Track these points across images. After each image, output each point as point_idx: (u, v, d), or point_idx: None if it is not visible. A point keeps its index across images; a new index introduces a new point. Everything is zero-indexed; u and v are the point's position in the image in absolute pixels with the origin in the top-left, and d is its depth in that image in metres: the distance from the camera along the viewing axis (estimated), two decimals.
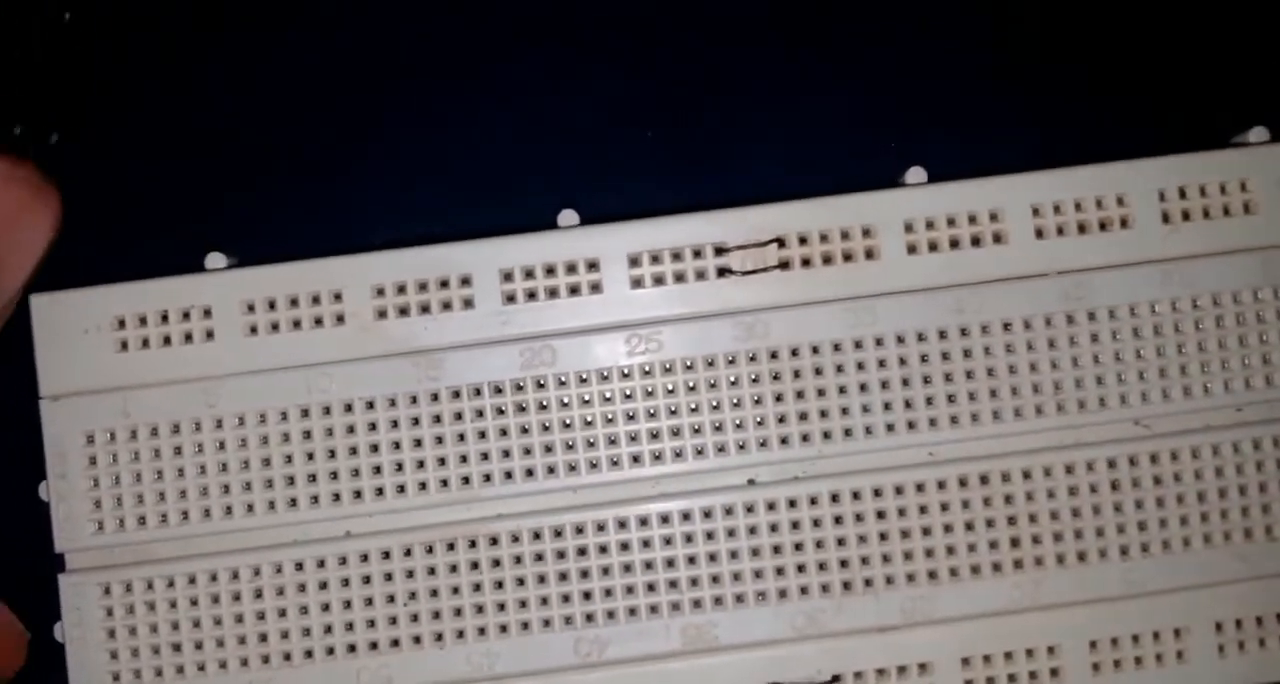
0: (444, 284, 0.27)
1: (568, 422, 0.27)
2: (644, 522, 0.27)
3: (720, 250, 0.28)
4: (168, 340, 0.27)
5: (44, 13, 0.29)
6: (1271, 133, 0.29)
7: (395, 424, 0.27)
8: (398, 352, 0.27)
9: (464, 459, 0.27)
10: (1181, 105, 0.30)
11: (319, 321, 0.27)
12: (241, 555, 0.27)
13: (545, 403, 0.27)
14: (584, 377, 0.27)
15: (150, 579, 0.27)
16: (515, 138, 0.29)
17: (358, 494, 0.27)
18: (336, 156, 0.29)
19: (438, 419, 0.27)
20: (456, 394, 0.27)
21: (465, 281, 0.27)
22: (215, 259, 0.28)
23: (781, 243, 0.28)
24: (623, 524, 0.27)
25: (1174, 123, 0.29)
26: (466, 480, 0.27)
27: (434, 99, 0.29)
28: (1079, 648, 0.27)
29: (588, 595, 0.27)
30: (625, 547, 0.27)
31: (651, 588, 0.27)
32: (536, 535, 0.27)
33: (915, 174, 0.28)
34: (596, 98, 0.29)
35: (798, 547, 0.27)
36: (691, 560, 0.27)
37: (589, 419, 0.27)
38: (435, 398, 0.27)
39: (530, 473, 0.27)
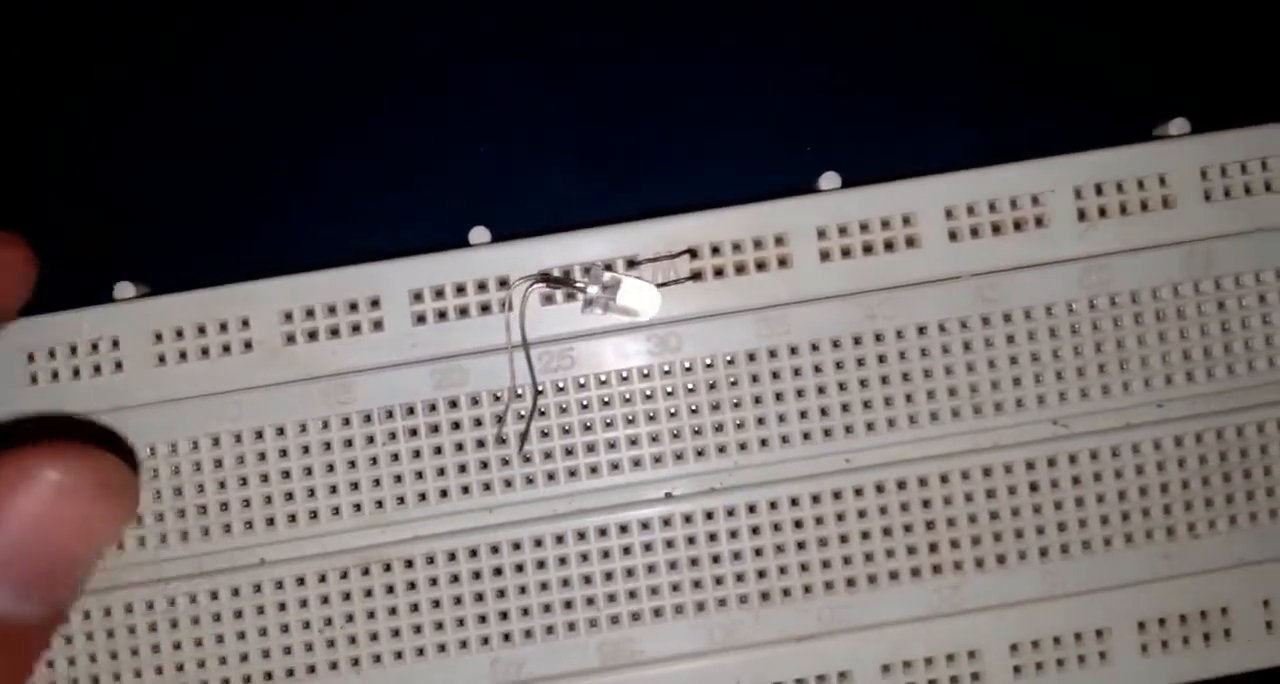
0: (353, 307, 0.27)
1: (481, 441, 0.27)
2: (560, 539, 0.27)
3: (632, 263, 0.27)
4: (76, 373, 0.27)
5: None
6: (1192, 125, 0.28)
7: (306, 450, 0.27)
8: (307, 376, 0.27)
9: (377, 482, 0.27)
10: (1098, 100, 0.29)
11: (227, 349, 0.27)
12: (155, 587, 0.27)
13: (458, 423, 0.27)
14: (497, 395, 0.27)
15: None
16: (428, 156, 0.29)
17: (270, 521, 0.27)
18: (246, 184, 0.28)
19: (349, 443, 0.27)
20: (368, 417, 0.27)
21: (374, 303, 0.27)
22: (124, 288, 0.27)
23: (694, 254, 0.27)
24: (539, 542, 0.27)
25: (1090, 118, 0.29)
26: (380, 504, 0.27)
27: (341, 119, 0.29)
28: (1000, 651, 0.27)
29: (504, 615, 0.27)
30: (541, 565, 0.27)
31: (569, 605, 0.27)
32: (452, 557, 0.27)
33: (829, 179, 0.28)
34: (510, 114, 0.29)
35: (715, 559, 0.27)
36: (609, 576, 0.27)
37: (503, 438, 0.27)
38: (346, 422, 0.27)
39: (444, 494, 0.27)
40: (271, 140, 0.29)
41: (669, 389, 0.27)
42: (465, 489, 0.27)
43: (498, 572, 0.27)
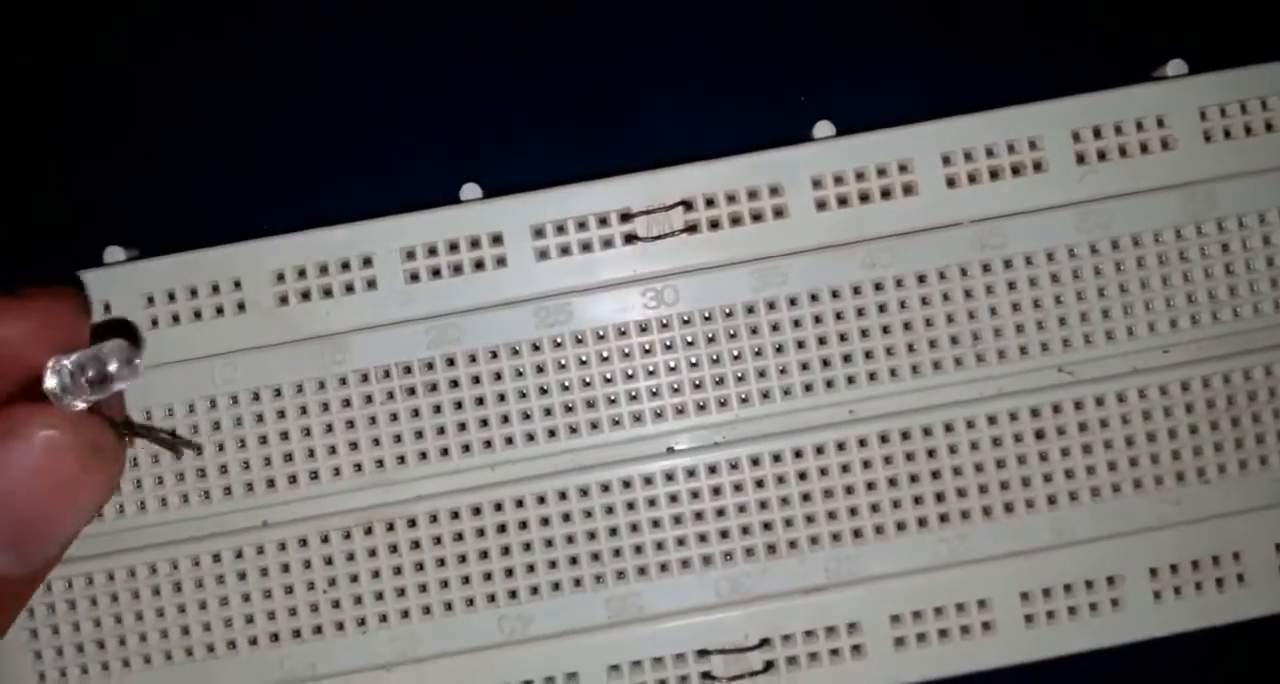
0: (345, 266, 0.27)
1: (480, 398, 0.27)
2: (563, 495, 0.27)
3: (625, 217, 0.27)
4: None
5: None
6: (1190, 66, 0.28)
7: (304, 411, 0.27)
8: (301, 337, 0.27)
9: (377, 442, 0.27)
10: (1095, 42, 0.29)
11: (220, 311, 0.27)
12: (159, 550, 0.26)
13: (455, 381, 0.27)
14: (494, 352, 0.27)
15: (69, 578, 0.26)
16: (416, 113, 0.29)
17: (271, 483, 0.27)
18: (232, 143, 0.28)
19: (347, 403, 0.27)
20: (365, 377, 0.27)
21: (366, 262, 0.27)
22: (114, 252, 0.27)
23: (688, 206, 0.27)
24: (541, 499, 0.27)
25: (1087, 60, 0.28)
26: (380, 464, 0.27)
27: (330, 80, 0.29)
28: (1010, 600, 0.27)
29: (510, 572, 0.27)
30: (545, 522, 0.27)
31: (574, 561, 0.27)
32: (455, 515, 0.27)
33: (823, 128, 0.28)
34: (498, 67, 0.29)
35: (719, 512, 0.27)
36: (613, 532, 0.27)
37: (501, 395, 0.27)
38: (343, 382, 0.27)
39: (445, 452, 0.27)
40: (258, 100, 0.29)
41: (668, 343, 0.27)
42: (466, 447, 0.27)
43: (501, 529, 0.27)
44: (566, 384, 0.27)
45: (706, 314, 0.27)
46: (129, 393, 0.26)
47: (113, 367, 0.20)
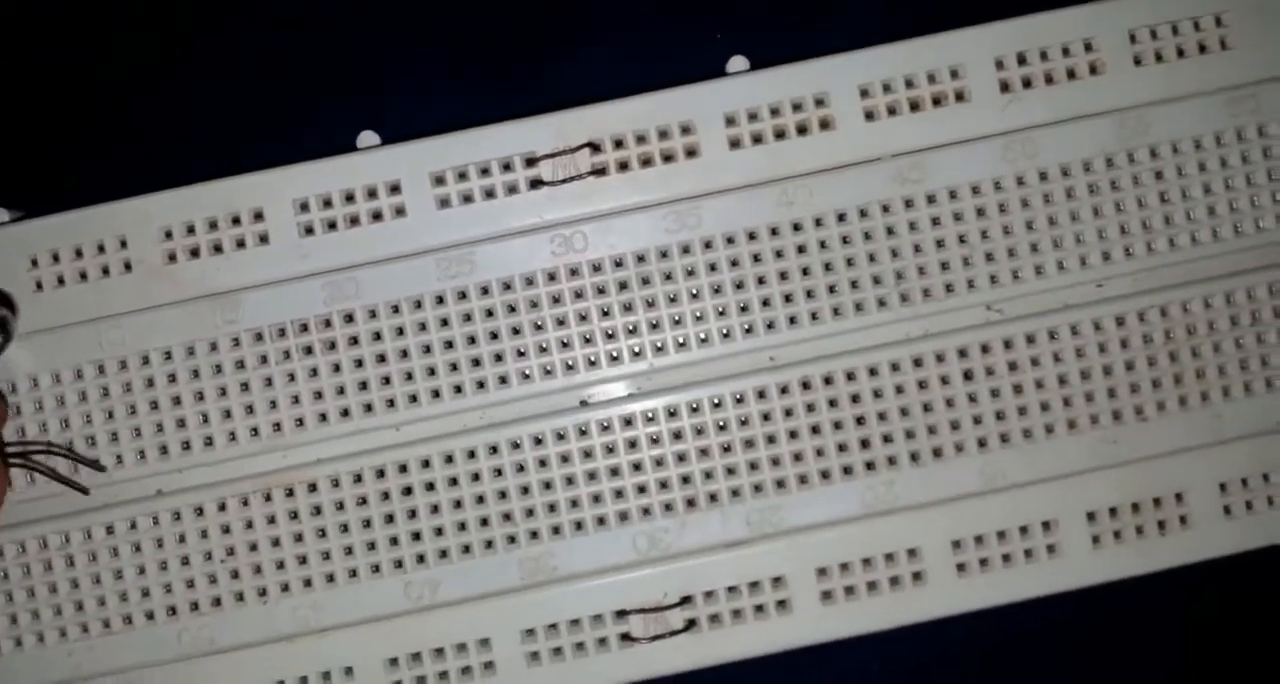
0: (235, 220, 0.26)
1: (381, 355, 0.26)
2: (471, 454, 0.26)
3: (530, 161, 0.26)
4: None
5: None
6: None
7: (196, 374, 0.25)
8: (191, 296, 0.25)
9: (274, 404, 0.25)
10: None
11: (106, 271, 0.25)
12: (49, 523, 0.25)
13: (355, 337, 0.26)
14: (395, 306, 0.26)
15: None
16: (312, 60, 0.27)
17: (164, 450, 0.25)
18: (117, 95, 0.27)
19: (241, 365, 0.25)
20: (258, 336, 0.25)
21: (258, 216, 0.26)
22: None
23: (595, 148, 0.26)
24: (449, 459, 0.26)
25: None
26: (278, 427, 0.25)
27: (219, 23, 0.27)
28: (941, 549, 0.26)
29: (416, 536, 0.25)
30: (453, 482, 0.26)
31: (484, 522, 0.26)
32: (358, 478, 0.25)
33: (737, 63, 0.26)
34: (395, 10, 0.27)
35: (636, 467, 0.26)
36: (525, 490, 0.26)
37: (404, 351, 0.26)
38: (236, 342, 0.25)
39: (346, 413, 0.26)
40: (142, 48, 0.27)
41: (578, 292, 0.26)
42: (368, 407, 0.25)
43: (407, 491, 0.25)
44: (472, 338, 0.26)
45: (617, 260, 0.26)
46: (8, 362, 0.25)
47: None
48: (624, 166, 0.26)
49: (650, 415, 0.26)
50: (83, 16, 0.27)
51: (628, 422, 0.26)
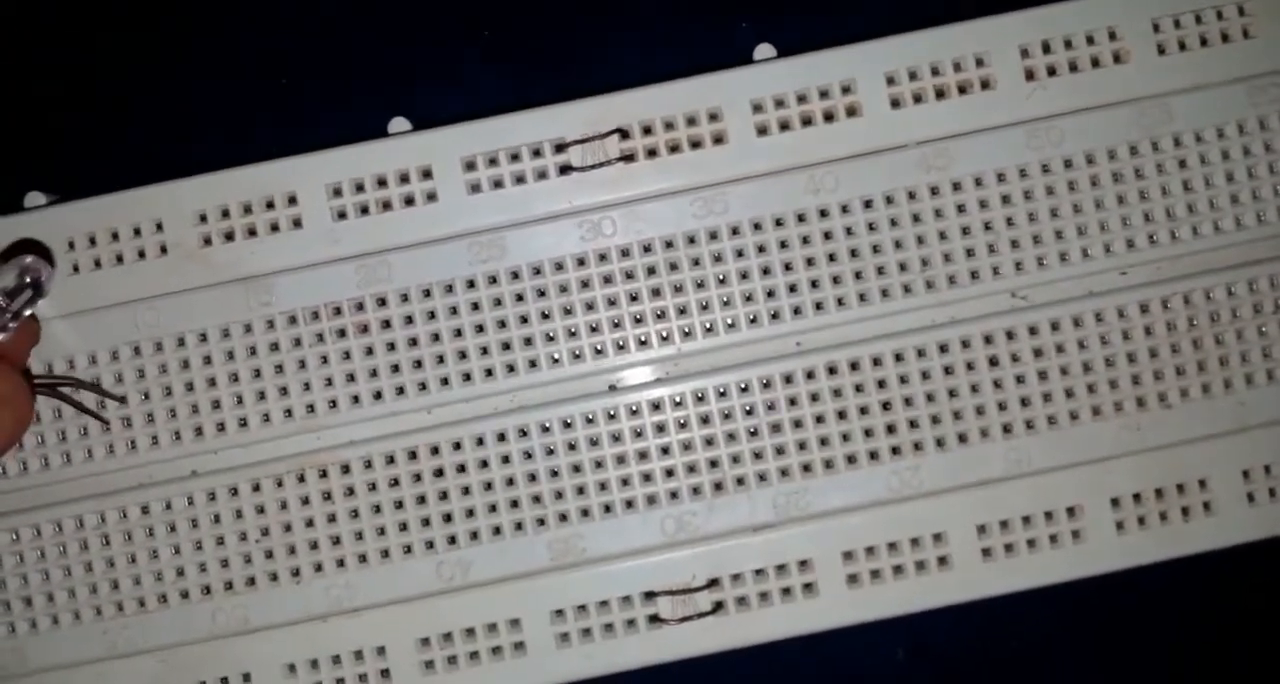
0: (269, 205, 0.26)
1: (413, 339, 0.26)
2: (502, 437, 0.26)
3: (560, 147, 0.26)
4: None
5: None
6: None
7: (230, 355, 0.26)
8: (226, 280, 0.26)
9: (307, 386, 0.26)
10: None
11: (142, 254, 0.26)
12: (85, 503, 0.26)
13: (387, 321, 0.26)
14: (426, 290, 0.26)
15: None
16: (344, 46, 0.28)
17: (199, 431, 0.26)
18: (153, 85, 0.27)
19: (275, 347, 0.26)
20: (292, 319, 0.26)
21: (292, 200, 0.26)
22: (34, 197, 0.26)
23: (624, 134, 0.26)
24: (480, 441, 0.26)
25: None
26: (311, 409, 0.26)
27: (253, 12, 0.28)
28: (966, 533, 0.26)
29: (448, 518, 0.26)
30: (484, 464, 0.26)
31: (514, 504, 0.26)
32: (390, 460, 0.26)
33: (763, 50, 0.27)
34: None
35: (664, 450, 0.26)
36: (554, 473, 0.26)
37: (436, 335, 0.26)
38: (270, 325, 0.26)
39: (378, 395, 0.26)
40: (176, 38, 0.28)
41: (606, 277, 0.26)
42: (400, 390, 0.26)
43: (438, 473, 0.26)
44: (503, 322, 0.26)
45: (646, 246, 0.26)
46: (46, 343, 0.25)
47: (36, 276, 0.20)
48: (652, 153, 0.26)
49: (678, 400, 0.26)
50: (122, 3, 0.27)
51: (655, 406, 0.26)
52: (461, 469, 0.26)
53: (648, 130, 0.26)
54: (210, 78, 0.27)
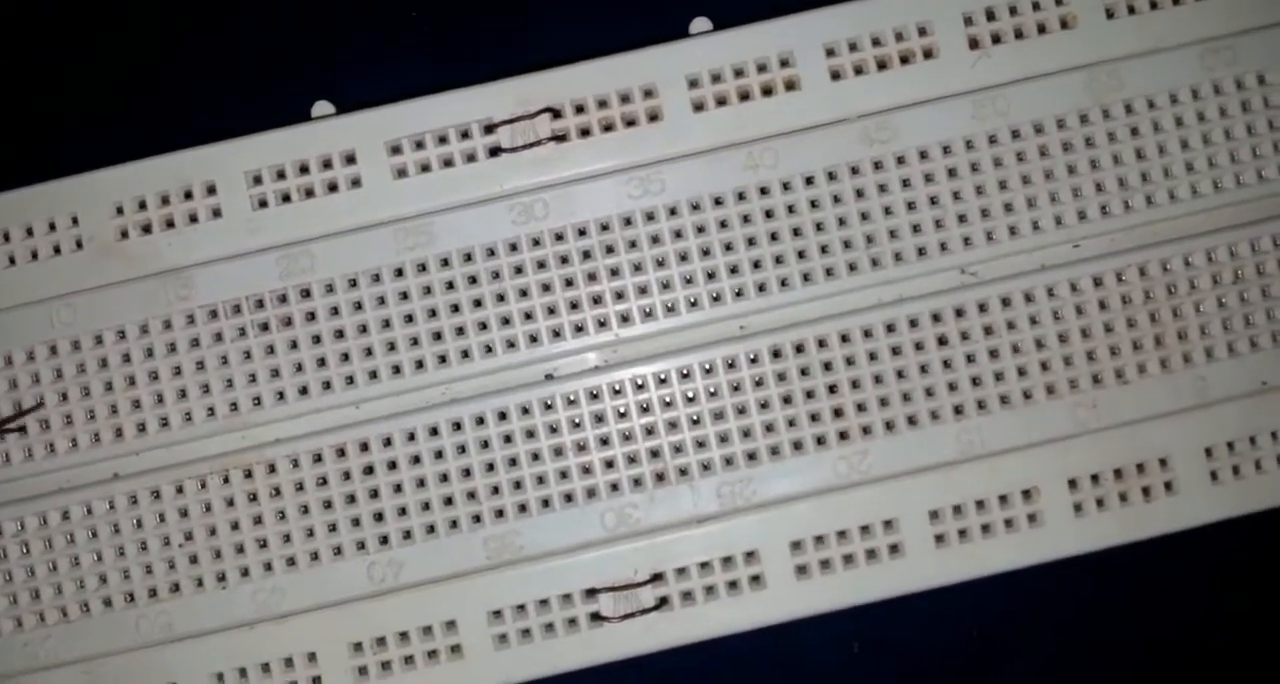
0: (187, 194, 0.25)
1: (339, 331, 0.25)
2: (434, 431, 0.25)
3: (489, 128, 0.25)
4: None
5: None
6: None
7: (150, 353, 0.25)
8: (144, 274, 0.25)
9: (230, 383, 0.25)
10: None
11: (57, 249, 0.25)
12: (4, 509, 0.25)
13: (311, 313, 0.25)
14: (352, 280, 0.25)
15: None
16: (264, 28, 0.27)
17: (119, 432, 0.25)
18: (68, 73, 0.26)
19: (195, 343, 0.25)
20: (213, 313, 0.25)
21: (210, 190, 0.25)
22: None
23: (555, 113, 0.25)
24: (411, 436, 0.25)
25: None
26: (234, 406, 0.25)
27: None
28: (919, 519, 0.25)
29: (379, 517, 0.25)
30: (416, 460, 0.25)
31: (448, 502, 0.25)
32: (317, 458, 0.25)
33: (700, 24, 0.26)
34: None
35: (603, 441, 0.25)
36: (489, 467, 0.25)
37: (363, 326, 0.25)
38: (190, 319, 0.25)
39: (304, 391, 0.25)
40: (92, 25, 0.26)
41: (540, 261, 0.25)
42: (326, 384, 0.25)
43: (368, 471, 0.25)
44: (433, 311, 0.25)
45: (580, 228, 0.25)
46: None
47: None
48: (585, 132, 0.25)
49: (617, 388, 0.25)
50: None
51: (594, 395, 0.25)
52: (392, 466, 0.25)
53: (580, 108, 0.25)
54: (123, 63, 0.26)
